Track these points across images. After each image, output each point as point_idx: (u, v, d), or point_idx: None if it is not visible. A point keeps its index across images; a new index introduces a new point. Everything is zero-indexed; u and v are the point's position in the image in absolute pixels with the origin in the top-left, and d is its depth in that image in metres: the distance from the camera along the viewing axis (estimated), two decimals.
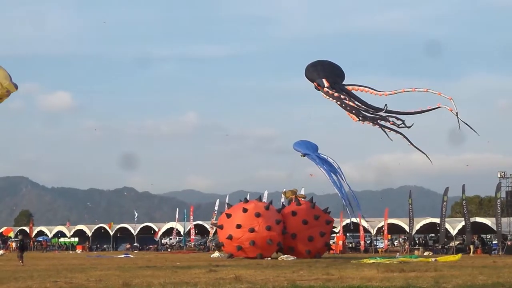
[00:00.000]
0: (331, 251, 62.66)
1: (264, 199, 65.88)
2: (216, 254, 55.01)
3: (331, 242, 59.28)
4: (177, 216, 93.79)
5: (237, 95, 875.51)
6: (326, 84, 40.53)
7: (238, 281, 23.13)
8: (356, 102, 40.42)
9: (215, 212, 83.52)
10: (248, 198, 54.84)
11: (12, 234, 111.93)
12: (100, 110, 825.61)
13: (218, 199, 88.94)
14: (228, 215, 51.39)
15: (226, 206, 57.25)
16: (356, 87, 40.73)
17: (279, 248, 51.12)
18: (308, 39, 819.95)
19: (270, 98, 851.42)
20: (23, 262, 42.27)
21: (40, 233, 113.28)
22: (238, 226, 49.74)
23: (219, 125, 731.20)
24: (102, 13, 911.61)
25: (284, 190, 60.45)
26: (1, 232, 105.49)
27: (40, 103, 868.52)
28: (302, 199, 56.12)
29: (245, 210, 50.18)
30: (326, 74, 41.62)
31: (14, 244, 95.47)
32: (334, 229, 60.20)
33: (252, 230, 49.21)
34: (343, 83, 42.26)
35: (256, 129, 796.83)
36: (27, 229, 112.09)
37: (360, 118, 39.94)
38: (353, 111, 40.13)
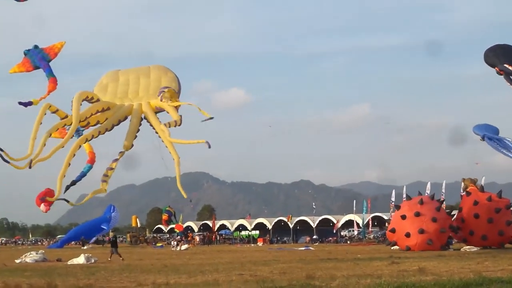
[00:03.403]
0: None
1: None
2: (396, 246, 54.40)
3: None
4: (354, 208, 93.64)
5: (411, 85, 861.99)
6: (510, 69, 38.82)
7: (422, 273, 22.74)
8: None
9: (393, 203, 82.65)
10: (429, 188, 53.84)
11: (195, 228, 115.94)
12: (274, 105, 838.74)
13: (394, 190, 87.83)
14: (403, 217, 50.77)
15: (404, 197, 56.49)
16: None
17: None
18: (481, 24, 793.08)
19: (445, 87, 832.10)
20: (121, 257, 41.47)
21: (222, 226, 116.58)
22: (407, 235, 49.27)
23: (393, 116, 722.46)
24: (268, 12, 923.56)
25: (463, 178, 58.84)
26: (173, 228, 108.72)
27: (215, 100, 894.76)
28: (474, 184, 54.52)
29: (417, 214, 49.70)
30: (508, 58, 40.01)
31: (197, 238, 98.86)
32: None
33: (422, 231, 48.77)
34: None
35: (432, 119, 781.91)
36: (210, 223, 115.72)
37: None
38: None
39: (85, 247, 75.35)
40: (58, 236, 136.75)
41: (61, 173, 31.41)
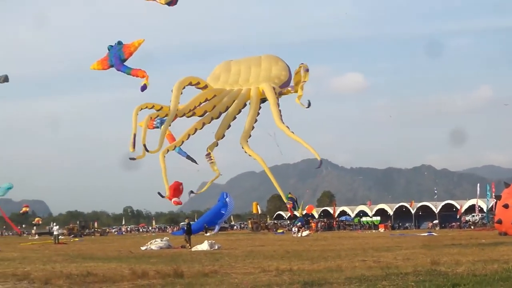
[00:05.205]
0: None
1: None
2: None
3: None
4: (478, 193, 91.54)
5: None
6: None
7: None
8: None
9: None
10: None
11: (314, 212, 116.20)
12: (391, 89, 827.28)
13: None
14: (505, 206, 49.32)
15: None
16: None
17: None
18: None
19: None
20: (190, 245, 41.54)
21: (343, 213, 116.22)
22: None
23: None
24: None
25: None
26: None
27: (332, 85, 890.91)
28: None
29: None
30: None
31: (318, 224, 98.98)
32: None
33: None
34: None
35: None
36: (330, 209, 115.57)
37: None
38: None
39: (207, 234, 76.57)
40: (181, 223, 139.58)
41: (163, 171, 31.65)
